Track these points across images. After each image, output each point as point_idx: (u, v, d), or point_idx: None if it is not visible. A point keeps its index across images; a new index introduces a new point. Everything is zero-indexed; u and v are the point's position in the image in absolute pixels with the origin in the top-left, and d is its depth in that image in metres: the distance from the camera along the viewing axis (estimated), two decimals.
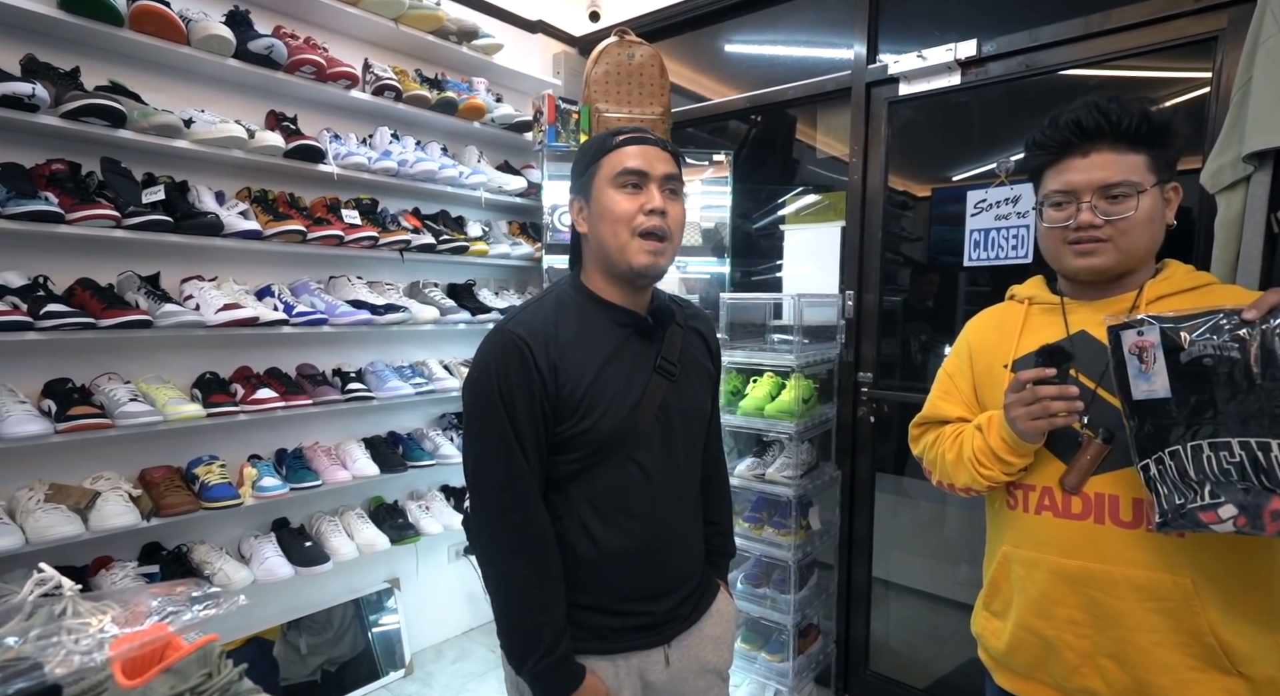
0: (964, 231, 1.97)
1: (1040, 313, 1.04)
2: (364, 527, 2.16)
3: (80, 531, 1.54)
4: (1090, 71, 1.81)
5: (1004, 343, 1.05)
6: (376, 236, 2.10)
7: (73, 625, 0.61)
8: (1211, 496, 0.79)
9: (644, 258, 0.97)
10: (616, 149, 0.98)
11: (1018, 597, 0.99)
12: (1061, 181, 0.94)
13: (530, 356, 0.94)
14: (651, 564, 1.01)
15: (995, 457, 0.96)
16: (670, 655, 1.04)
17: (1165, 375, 0.82)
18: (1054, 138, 0.94)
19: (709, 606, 1.11)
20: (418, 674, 2.39)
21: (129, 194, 1.67)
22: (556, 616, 0.95)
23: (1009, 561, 1.00)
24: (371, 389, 2.14)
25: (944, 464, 1.05)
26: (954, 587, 2.30)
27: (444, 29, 2.31)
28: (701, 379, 1.09)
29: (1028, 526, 0.98)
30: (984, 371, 1.07)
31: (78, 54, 1.68)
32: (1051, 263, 1.01)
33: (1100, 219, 0.91)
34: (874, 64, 2.15)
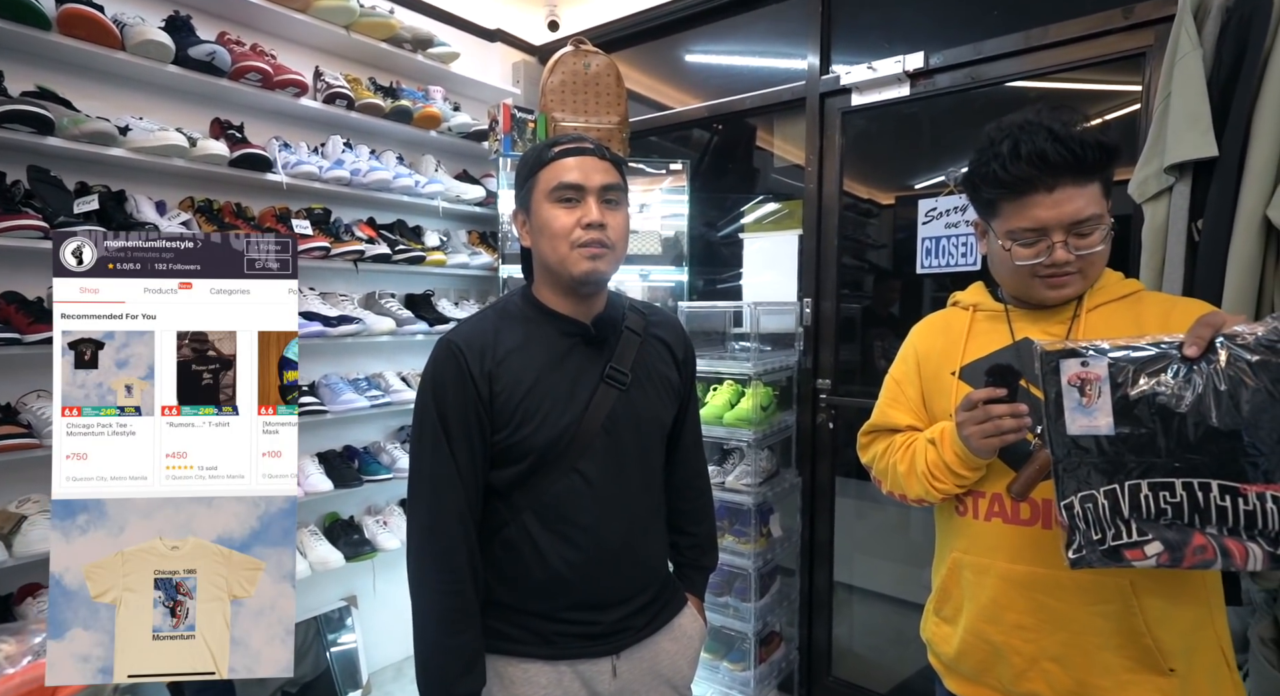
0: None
1: (985, 319, 1.05)
2: (317, 545, 2.10)
3: (3, 558, 1.46)
4: (1032, 83, 1.86)
5: (950, 350, 1.05)
6: (329, 246, 2.06)
7: None
8: (1139, 533, 0.78)
9: (584, 265, 0.97)
10: (552, 162, 0.97)
11: (968, 603, 0.99)
12: (1030, 218, 0.92)
13: (465, 364, 0.95)
14: (597, 574, 1.00)
15: (949, 471, 0.96)
16: (619, 666, 1.02)
17: (1109, 411, 0.78)
18: (1018, 175, 0.91)
19: (670, 620, 1.09)
20: (376, 694, 2.33)
21: (58, 203, 1.60)
22: (463, 660, 0.96)
23: (959, 567, 1.01)
24: (325, 402, 2.08)
25: (895, 475, 1.05)
26: (917, 590, 2.31)
27: (398, 37, 2.28)
28: (662, 389, 1.07)
29: (978, 532, 0.98)
30: (931, 378, 1.07)
31: (2, 58, 1.61)
32: (1012, 290, 1.01)
33: (1072, 255, 0.91)
34: (827, 75, 2.19)
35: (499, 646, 1.00)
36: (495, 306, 1.05)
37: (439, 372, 0.97)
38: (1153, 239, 1.29)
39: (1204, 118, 1.23)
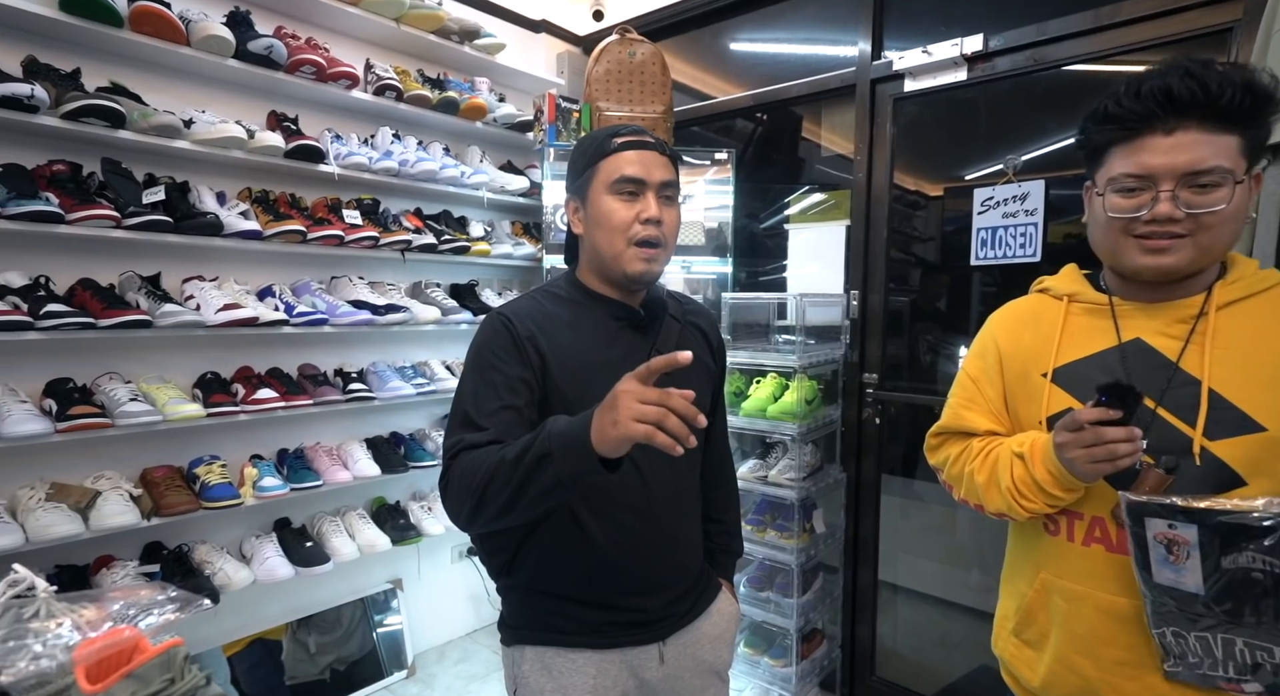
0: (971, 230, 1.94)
1: (1083, 313, 0.91)
2: (365, 528, 2.16)
3: (80, 531, 1.55)
4: (1101, 66, 1.77)
5: (1041, 347, 0.92)
6: (378, 236, 2.10)
7: (38, 628, 0.60)
8: (1237, 673, 0.75)
9: (639, 265, 0.97)
10: (614, 153, 0.97)
11: (1058, 630, 0.90)
12: (1136, 163, 0.79)
13: (515, 331, 0.95)
14: (645, 559, 0.99)
15: (1039, 490, 0.85)
16: (665, 652, 1.02)
17: (1199, 574, 0.74)
18: (1132, 110, 0.78)
19: (708, 605, 1.09)
20: (420, 675, 2.39)
21: (129, 194, 1.67)
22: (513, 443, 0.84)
23: (1048, 590, 0.91)
24: (373, 389, 2.13)
25: (971, 484, 0.95)
26: (964, 592, 2.25)
27: (445, 29, 2.30)
28: (703, 375, 1.08)
29: (1073, 557, 0.89)
30: (1017, 379, 0.94)
31: (78, 55, 1.69)
32: (1105, 257, 0.88)
33: (1181, 211, 0.77)
34: (879, 60, 2.12)
35: (547, 637, 1.00)
36: (543, 289, 1.06)
37: (486, 341, 0.96)
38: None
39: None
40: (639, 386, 0.72)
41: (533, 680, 1.00)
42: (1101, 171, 0.85)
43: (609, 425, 0.71)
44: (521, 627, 1.03)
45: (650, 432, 0.69)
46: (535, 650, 1.00)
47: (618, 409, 0.71)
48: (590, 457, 0.74)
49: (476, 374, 0.94)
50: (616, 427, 0.70)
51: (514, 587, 1.04)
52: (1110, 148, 0.83)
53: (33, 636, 0.59)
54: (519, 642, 1.02)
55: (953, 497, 1.03)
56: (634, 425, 0.69)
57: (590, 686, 0.98)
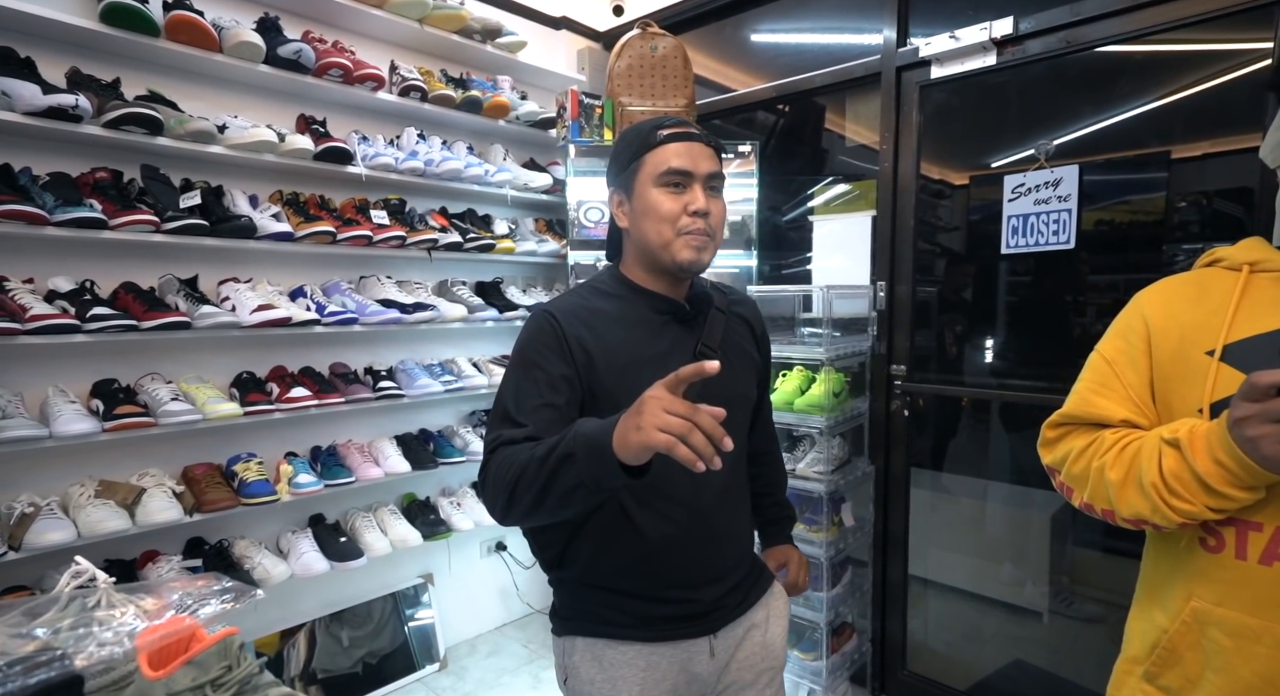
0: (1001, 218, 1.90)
1: (1270, 284, 0.76)
2: (397, 524, 2.20)
3: (128, 526, 1.60)
4: (1136, 47, 1.72)
5: (1209, 321, 0.77)
6: (404, 236, 2.13)
7: (103, 617, 0.62)
8: None
9: (688, 253, 0.97)
10: (660, 145, 0.97)
11: (1213, 675, 0.74)
12: None
13: (560, 329, 0.96)
14: (693, 552, 1.00)
15: (1203, 487, 0.70)
16: (715, 646, 1.03)
17: None
18: None
19: (759, 598, 1.09)
20: (452, 667, 2.42)
21: (167, 199, 1.72)
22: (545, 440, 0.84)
23: (1202, 623, 0.75)
24: (402, 387, 2.17)
25: (1101, 483, 0.79)
26: (996, 586, 2.22)
27: (468, 28, 2.32)
28: (746, 365, 1.08)
29: (1245, 580, 0.73)
30: (1172, 358, 0.79)
31: (118, 65, 1.74)
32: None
33: None
34: (904, 47, 2.09)
35: (597, 629, 1.01)
36: (586, 284, 1.06)
37: (532, 334, 0.97)
38: None
39: None
40: (667, 395, 0.71)
41: (583, 671, 1.01)
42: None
43: (631, 430, 0.70)
44: (573, 619, 1.04)
45: (671, 443, 0.68)
46: (586, 641, 1.01)
47: (642, 415, 0.70)
48: (611, 462, 0.73)
49: (519, 371, 0.95)
50: (639, 434, 0.69)
51: (565, 580, 1.05)
52: None
53: (98, 624, 0.62)
54: (570, 633, 1.04)
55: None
56: (656, 434, 0.68)
57: (640, 679, 0.98)
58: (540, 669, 2.43)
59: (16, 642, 0.60)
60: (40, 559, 1.54)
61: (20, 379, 1.63)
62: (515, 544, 2.76)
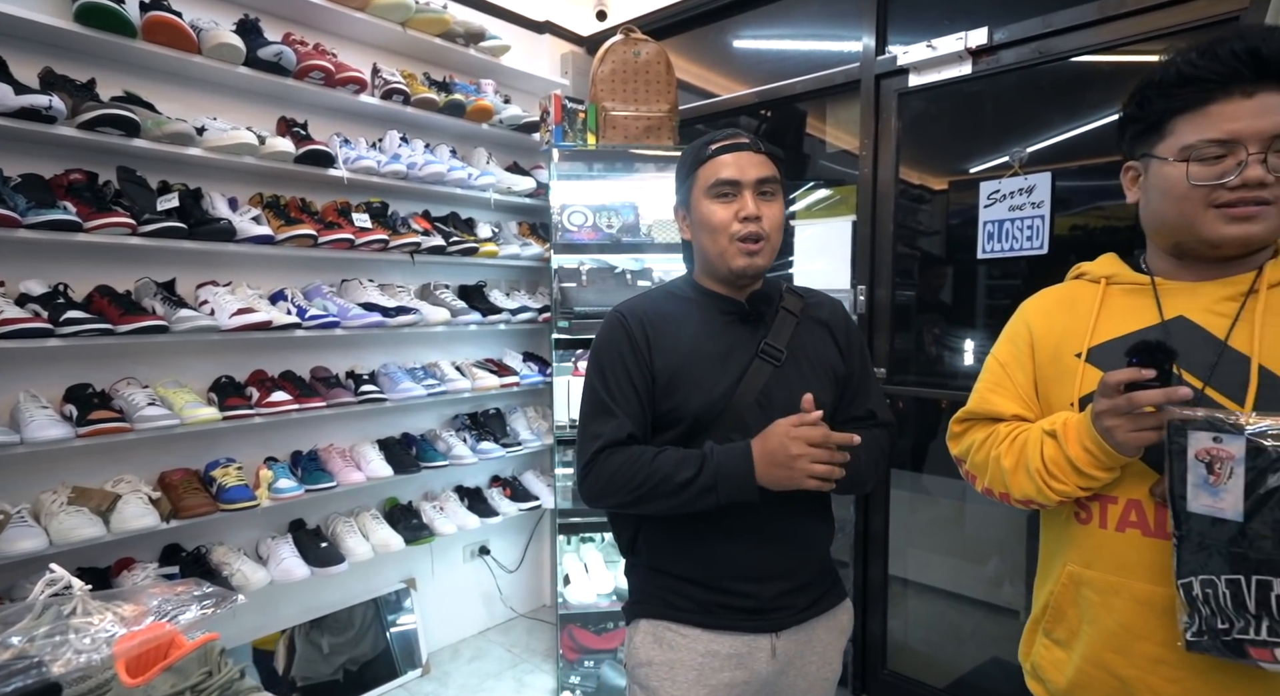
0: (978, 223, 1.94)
1: (1122, 294, 0.88)
2: (379, 528, 2.18)
3: (102, 533, 1.57)
4: (1107, 57, 1.77)
5: (1076, 327, 0.89)
6: (387, 239, 2.12)
7: (79, 624, 0.61)
8: (1270, 633, 0.69)
9: (741, 260, 1.03)
10: (710, 159, 1.04)
11: (1088, 627, 0.85)
12: (1220, 129, 0.75)
13: (627, 326, 1.05)
14: (757, 547, 1.02)
15: (1073, 470, 0.81)
16: (778, 646, 1.03)
17: (1240, 496, 0.69)
18: (1213, 71, 0.75)
19: (829, 609, 1.09)
20: (434, 673, 2.41)
21: (144, 202, 1.70)
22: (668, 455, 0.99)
23: (1077, 584, 0.86)
24: (384, 391, 2.16)
25: (997, 470, 0.90)
26: (974, 585, 2.26)
27: (451, 32, 2.32)
28: (820, 369, 1.07)
29: (1106, 545, 0.84)
30: (1049, 361, 0.91)
31: (93, 66, 1.71)
32: (1175, 232, 0.82)
33: (1271, 175, 0.74)
34: (883, 55, 2.12)
35: (661, 611, 1.04)
36: (661, 288, 1.15)
37: (605, 336, 1.07)
38: None
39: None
40: (810, 449, 0.88)
41: (643, 651, 1.04)
42: (1166, 143, 0.80)
43: (783, 477, 0.90)
44: (640, 602, 1.08)
45: (821, 486, 0.88)
46: (649, 623, 1.05)
47: (795, 469, 0.89)
48: (753, 492, 0.91)
49: (600, 370, 1.05)
50: (792, 479, 0.89)
51: (636, 566, 1.11)
52: (1174, 117, 0.79)
53: (74, 632, 0.61)
54: (636, 617, 1.08)
55: (958, 485, 1.00)
56: (809, 481, 0.88)
57: (698, 664, 1.00)
58: (523, 673, 2.43)
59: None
60: (11, 567, 1.51)
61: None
62: (498, 547, 2.75)
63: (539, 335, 2.78)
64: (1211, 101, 0.76)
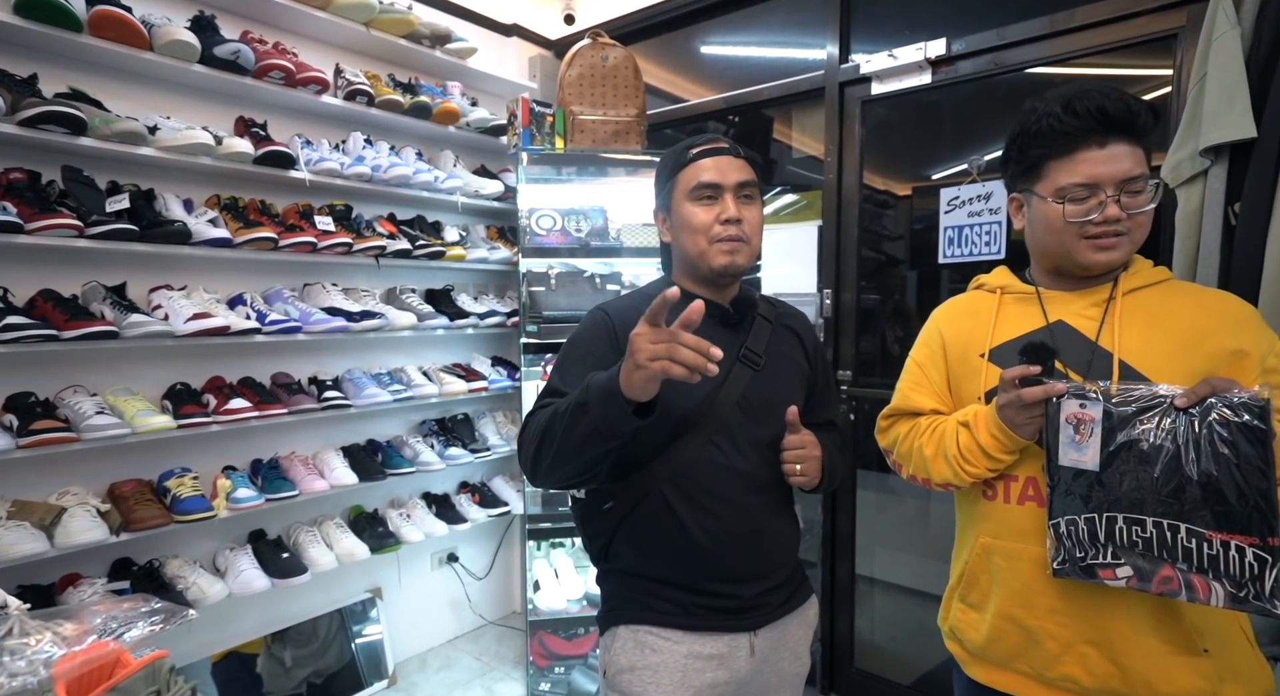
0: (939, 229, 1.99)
1: (1014, 302, 1.04)
2: (343, 537, 2.13)
3: (45, 548, 1.50)
4: (1057, 69, 1.84)
5: (978, 332, 1.04)
6: (351, 242, 2.08)
7: (14, 646, 0.58)
8: (1113, 557, 0.86)
9: (723, 258, 1.03)
10: (691, 163, 1.05)
11: (997, 589, 0.99)
12: (1083, 174, 0.91)
13: (611, 324, 1.04)
14: (735, 545, 1.02)
15: (983, 454, 0.95)
16: (756, 644, 1.04)
17: (1097, 450, 0.86)
18: (1074, 126, 0.91)
19: (799, 605, 1.11)
20: (401, 684, 2.36)
21: (92, 203, 1.63)
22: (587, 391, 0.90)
23: (988, 552, 1.00)
24: (349, 396, 2.11)
25: (920, 458, 1.04)
26: (938, 583, 2.30)
27: (416, 33, 2.29)
28: (795, 374, 1.11)
29: (1009, 517, 0.98)
30: (958, 361, 1.06)
31: (35, 61, 1.64)
32: (1053, 257, 0.99)
33: (1124, 213, 0.90)
34: (846, 63, 2.17)
35: (640, 615, 1.03)
36: (640, 290, 1.15)
37: (587, 328, 1.05)
38: (1187, 224, 1.27)
39: (1242, 98, 1.21)
40: (648, 329, 0.80)
41: (623, 657, 1.03)
42: (1043, 183, 0.96)
43: (631, 370, 0.80)
44: (617, 608, 1.07)
45: (665, 366, 0.78)
46: (628, 628, 1.04)
47: (634, 353, 0.80)
48: (620, 403, 0.82)
49: (569, 356, 1.03)
50: (637, 371, 0.80)
51: (611, 571, 1.09)
52: (1047, 162, 0.95)
53: (8, 654, 0.58)
54: (613, 624, 1.06)
55: (901, 477, 1.11)
56: (649, 363, 0.78)
57: (681, 665, 1.00)
58: (493, 681, 2.39)
59: None
60: None
61: None
62: (467, 555, 2.71)
63: (507, 339, 2.75)
64: (1075, 150, 0.92)
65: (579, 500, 1.12)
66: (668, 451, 1.01)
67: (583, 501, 1.11)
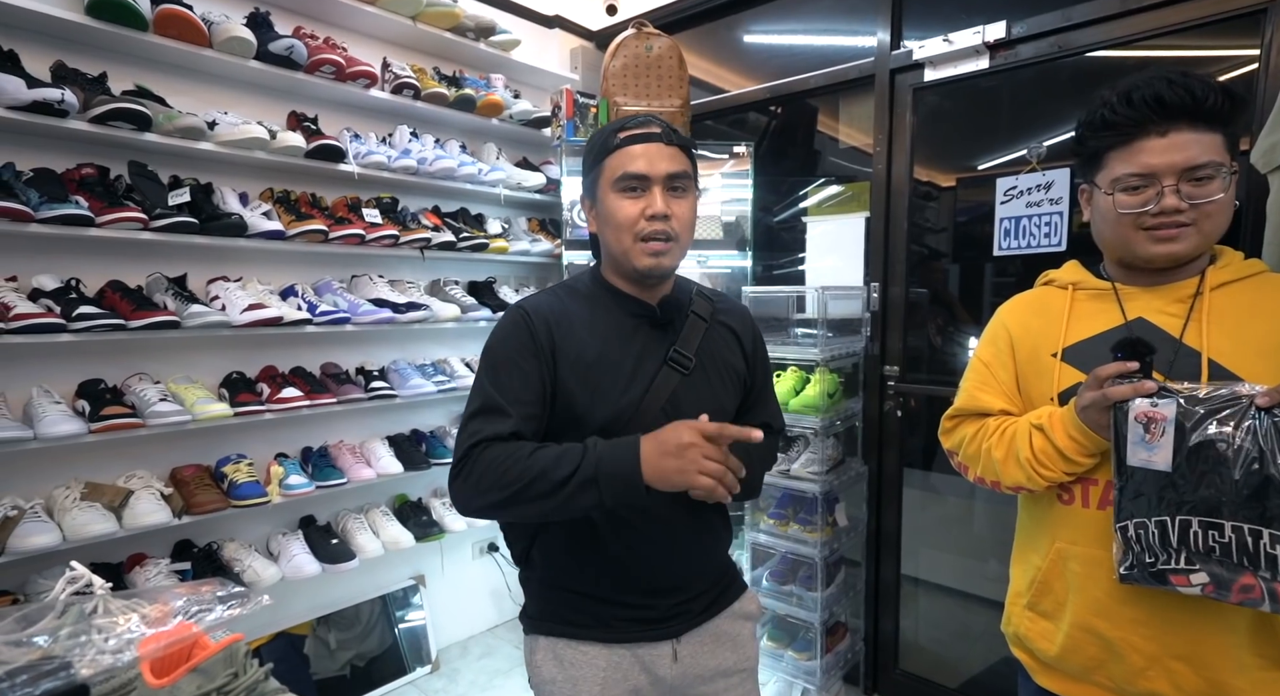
0: (993, 220, 1.92)
1: (1088, 299, 0.99)
2: (389, 525, 2.18)
3: (115, 529, 1.57)
4: (1126, 52, 1.74)
5: (1049, 330, 0.99)
6: (397, 235, 2.11)
7: (102, 624, 0.61)
8: (1187, 563, 0.81)
9: (646, 260, 0.96)
10: (618, 149, 0.95)
11: (1074, 597, 0.94)
12: (1138, 164, 0.88)
13: (531, 326, 0.95)
14: (655, 560, 0.99)
15: (1061, 458, 0.91)
16: (679, 650, 1.02)
17: (1170, 450, 0.81)
18: (1128, 117, 0.88)
19: (730, 604, 1.08)
20: (444, 670, 2.41)
21: (155, 196, 1.69)
22: (548, 450, 0.88)
23: (1064, 559, 0.95)
24: (394, 387, 2.15)
25: (989, 461, 0.99)
26: (980, 583, 2.24)
27: (461, 26, 2.30)
28: (726, 377, 1.04)
29: (1088, 523, 0.93)
30: (1028, 360, 1.01)
31: (104, 59, 1.70)
32: (1114, 250, 0.96)
33: (1184, 203, 0.86)
34: (898, 50, 2.10)
35: (558, 629, 1.01)
36: (564, 284, 1.06)
37: (504, 331, 0.96)
38: (1279, 213, 1.19)
39: None
40: (709, 446, 0.81)
41: (545, 670, 1.01)
42: (1102, 174, 0.93)
43: (673, 472, 0.81)
44: (537, 618, 1.04)
45: (713, 487, 0.80)
46: (548, 640, 1.01)
47: (685, 459, 0.80)
48: (640, 493, 0.81)
49: (494, 366, 0.94)
50: (683, 477, 0.80)
51: (530, 579, 1.06)
52: (1107, 153, 0.92)
53: (97, 632, 0.60)
54: (534, 632, 1.04)
55: (967, 483, 1.07)
56: (700, 479, 0.80)
57: (600, 678, 0.98)
58: None
59: (15, 651, 0.58)
60: (24, 563, 1.51)
61: (3, 379, 1.60)
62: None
63: None
64: (1133, 139, 0.89)
65: None
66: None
67: None
